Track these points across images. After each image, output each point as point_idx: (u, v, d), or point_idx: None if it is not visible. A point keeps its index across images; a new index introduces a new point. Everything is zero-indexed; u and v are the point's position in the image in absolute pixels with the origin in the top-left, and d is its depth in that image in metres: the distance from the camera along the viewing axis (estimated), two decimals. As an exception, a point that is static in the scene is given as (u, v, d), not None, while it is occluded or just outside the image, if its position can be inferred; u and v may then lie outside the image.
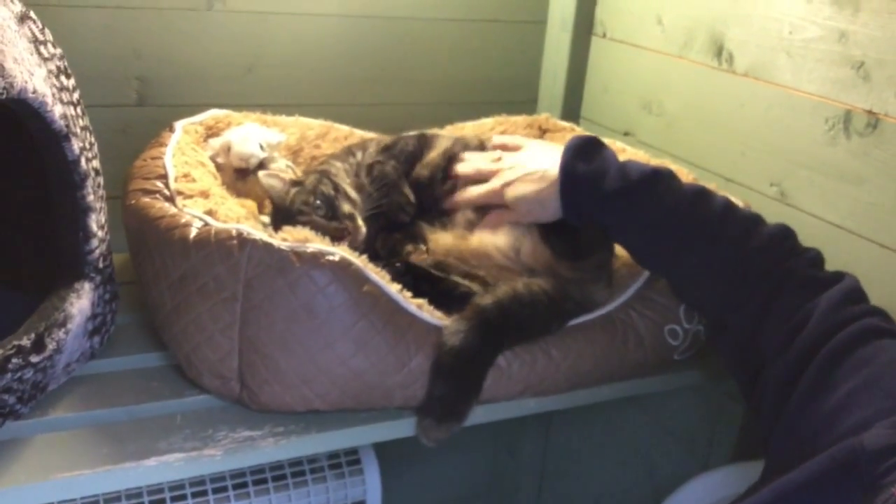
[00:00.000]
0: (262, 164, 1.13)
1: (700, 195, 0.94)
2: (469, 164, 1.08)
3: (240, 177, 1.14)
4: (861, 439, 0.69)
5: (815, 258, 0.92)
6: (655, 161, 1.17)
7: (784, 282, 0.88)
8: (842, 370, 0.78)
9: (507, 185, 1.00)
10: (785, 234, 0.93)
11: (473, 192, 1.04)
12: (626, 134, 1.44)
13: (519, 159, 1.02)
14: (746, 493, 0.81)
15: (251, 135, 1.16)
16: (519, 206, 1.00)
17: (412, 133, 1.16)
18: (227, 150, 1.14)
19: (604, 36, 1.48)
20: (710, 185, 1.08)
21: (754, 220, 0.94)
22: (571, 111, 1.54)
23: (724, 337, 0.93)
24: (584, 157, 0.96)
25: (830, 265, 0.99)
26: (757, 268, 0.90)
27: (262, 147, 1.14)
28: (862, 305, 0.85)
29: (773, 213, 1.13)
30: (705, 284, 0.94)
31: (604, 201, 0.94)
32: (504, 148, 1.08)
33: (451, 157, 1.10)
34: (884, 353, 0.78)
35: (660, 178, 0.94)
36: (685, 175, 1.13)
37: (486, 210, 1.04)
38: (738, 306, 0.90)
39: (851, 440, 0.70)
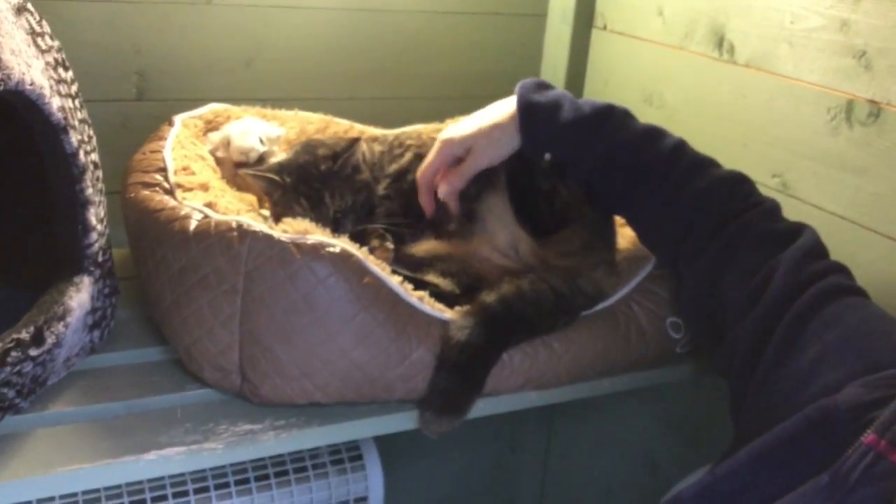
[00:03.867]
0: (261, 159, 1.13)
1: (652, 132, 0.96)
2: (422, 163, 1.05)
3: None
4: (835, 399, 0.70)
5: (772, 209, 0.91)
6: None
7: (741, 236, 0.88)
8: (810, 331, 0.78)
9: (457, 137, 0.98)
10: (738, 180, 0.93)
11: (426, 159, 1.02)
12: (627, 126, 1.43)
13: (456, 126, 1.02)
14: (721, 458, 0.81)
15: (251, 129, 1.16)
16: (475, 142, 0.98)
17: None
18: (227, 144, 1.14)
19: (604, 28, 1.48)
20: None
21: (705, 162, 0.95)
22: (572, 104, 1.53)
23: (683, 290, 0.94)
24: (538, 91, 0.98)
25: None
26: (709, 212, 0.90)
27: (261, 141, 1.13)
28: (824, 261, 0.85)
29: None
30: (658, 225, 0.95)
31: (559, 131, 0.95)
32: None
33: None
34: (851, 313, 0.79)
35: (612, 113, 0.96)
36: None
37: (476, 218, 1.03)
38: (692, 255, 0.91)
39: (825, 400, 0.70)
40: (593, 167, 0.96)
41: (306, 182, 1.03)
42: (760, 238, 0.87)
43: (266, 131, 1.16)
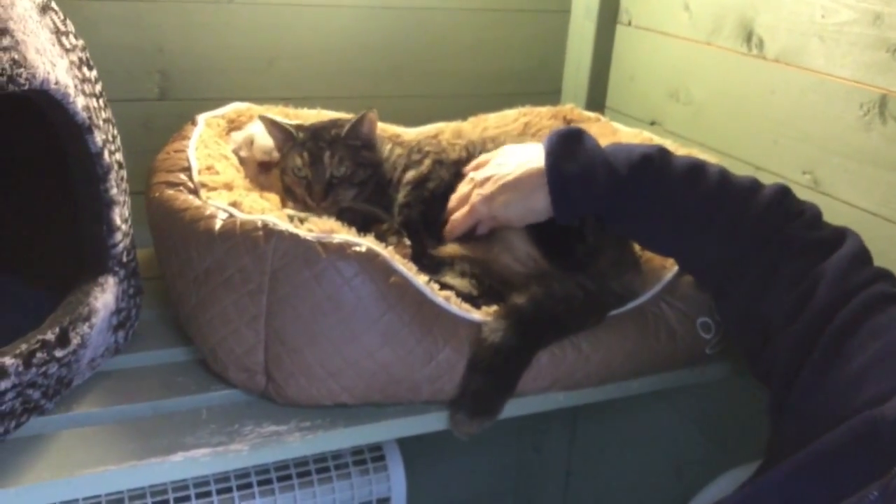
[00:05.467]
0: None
1: (693, 172, 0.91)
2: (454, 196, 1.03)
3: (263, 170, 1.13)
4: (881, 410, 0.68)
5: (814, 217, 0.89)
6: (683, 151, 1.15)
7: (785, 247, 0.86)
8: (856, 341, 0.76)
9: (489, 198, 0.96)
10: (782, 196, 0.90)
11: (457, 218, 1.00)
12: (652, 123, 1.42)
13: (494, 170, 0.98)
14: (760, 467, 0.80)
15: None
16: (510, 217, 0.96)
17: (461, 143, 1.14)
18: (250, 143, 1.14)
19: (629, 24, 1.46)
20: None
21: (750, 189, 0.91)
22: (596, 101, 1.52)
23: (726, 303, 0.92)
24: (569, 156, 0.92)
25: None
26: (755, 235, 0.88)
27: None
28: (869, 269, 0.83)
29: (806, 202, 1.10)
30: (704, 257, 0.92)
31: (595, 200, 0.91)
32: (476, 168, 1.03)
33: None
34: None
35: (650, 164, 0.91)
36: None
37: (498, 230, 1.01)
38: (738, 274, 0.89)
39: (871, 412, 0.68)
40: (638, 220, 0.93)
41: (314, 140, 1.06)
42: (804, 248, 0.86)
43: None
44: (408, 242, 0.99)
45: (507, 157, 0.98)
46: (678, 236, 0.92)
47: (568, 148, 0.93)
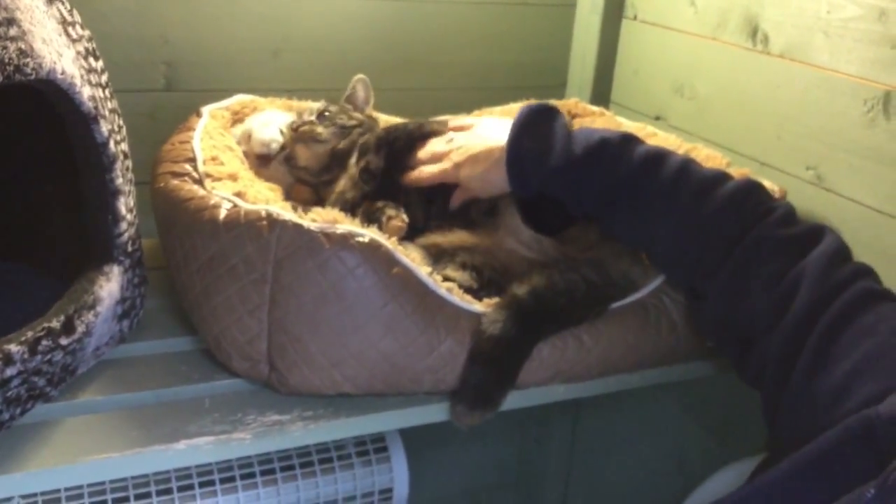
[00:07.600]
0: (283, 149, 1.13)
1: (652, 159, 0.91)
2: (427, 148, 1.07)
3: (262, 164, 1.13)
4: (877, 409, 0.67)
5: (787, 214, 0.87)
6: (687, 146, 1.15)
7: (758, 246, 0.85)
8: (844, 341, 0.75)
9: (457, 166, 1.01)
10: (747, 191, 0.89)
11: (426, 171, 1.04)
12: (657, 118, 1.42)
13: (468, 139, 1.03)
14: (757, 469, 0.80)
15: (271, 120, 1.16)
16: (471, 185, 1.01)
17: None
18: (248, 137, 1.14)
19: (634, 18, 1.46)
20: (744, 170, 1.07)
21: (712, 180, 0.90)
22: (601, 95, 1.52)
23: (701, 306, 0.91)
24: (532, 131, 0.95)
25: (870, 250, 0.97)
26: (722, 231, 0.87)
27: (282, 132, 1.13)
28: (851, 266, 0.82)
29: (809, 197, 1.11)
30: (671, 250, 0.92)
31: (548, 178, 0.93)
32: (459, 129, 1.08)
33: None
34: (885, 322, 0.75)
35: (606, 148, 0.92)
36: (719, 160, 1.11)
37: (499, 211, 1.04)
38: (709, 273, 0.88)
39: (867, 411, 0.68)
40: (591, 205, 0.94)
41: None
42: (779, 245, 0.84)
43: (287, 122, 1.16)
44: (406, 218, 0.99)
45: (483, 129, 1.03)
46: (637, 223, 0.92)
47: (535, 123, 0.96)
